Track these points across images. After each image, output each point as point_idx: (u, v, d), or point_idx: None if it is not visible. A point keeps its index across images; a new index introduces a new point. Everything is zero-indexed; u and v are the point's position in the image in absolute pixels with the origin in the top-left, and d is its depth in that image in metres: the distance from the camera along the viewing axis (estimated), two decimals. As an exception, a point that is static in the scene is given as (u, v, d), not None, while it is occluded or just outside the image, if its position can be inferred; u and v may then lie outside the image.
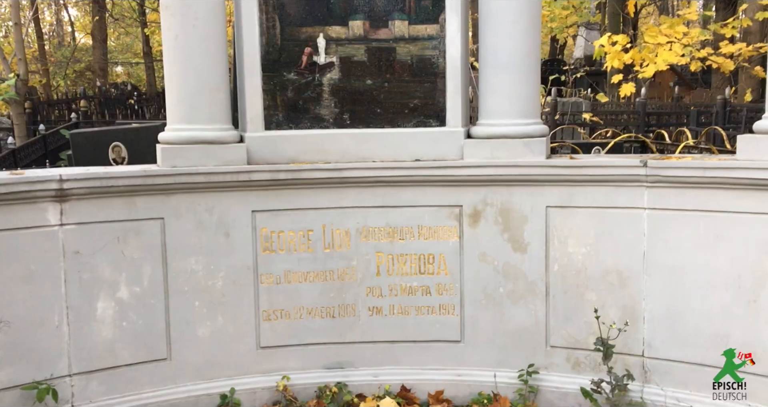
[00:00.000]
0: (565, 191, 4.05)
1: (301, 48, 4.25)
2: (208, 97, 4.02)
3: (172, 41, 3.99)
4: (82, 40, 29.48)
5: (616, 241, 3.99)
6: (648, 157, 4.14)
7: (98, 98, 16.69)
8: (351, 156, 4.23)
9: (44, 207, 3.70)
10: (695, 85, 18.43)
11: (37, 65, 20.26)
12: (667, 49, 8.77)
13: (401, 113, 4.30)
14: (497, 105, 4.19)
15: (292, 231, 4.19)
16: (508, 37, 4.09)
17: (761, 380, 3.67)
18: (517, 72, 4.12)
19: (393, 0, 4.23)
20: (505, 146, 4.13)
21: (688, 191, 3.76)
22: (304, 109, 4.28)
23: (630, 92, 9.54)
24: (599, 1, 19.83)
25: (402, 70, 4.29)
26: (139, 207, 3.92)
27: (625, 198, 3.93)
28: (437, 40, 4.25)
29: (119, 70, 31.29)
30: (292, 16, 4.22)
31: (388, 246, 4.25)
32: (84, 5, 27.93)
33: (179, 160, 3.99)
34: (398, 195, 4.21)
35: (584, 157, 4.70)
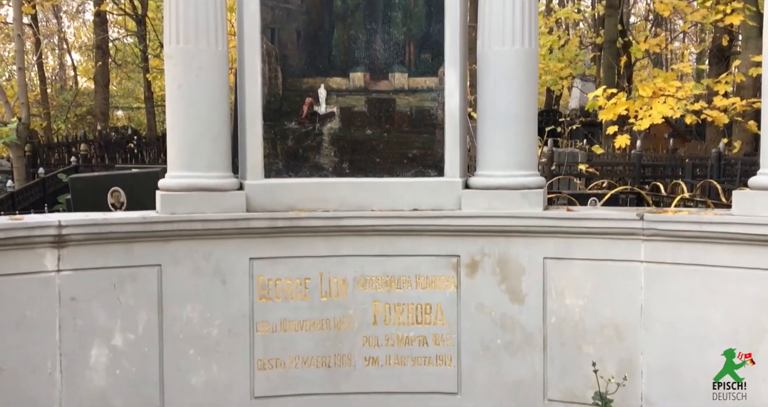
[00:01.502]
0: (562, 243, 4.07)
1: (302, 98, 4.31)
2: (209, 144, 4.07)
3: (175, 90, 4.04)
4: (85, 84, 29.82)
5: (613, 294, 3.99)
6: (644, 210, 4.18)
7: (98, 142, 16.80)
8: (350, 204, 4.25)
9: (42, 252, 3.70)
10: (690, 136, 18.64)
11: (39, 109, 20.45)
12: (662, 102, 8.90)
13: (400, 163, 4.34)
14: (495, 156, 4.24)
15: (289, 279, 4.18)
16: (505, 91, 4.16)
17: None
18: (514, 125, 4.18)
19: (393, 53, 4.31)
20: (502, 197, 4.16)
21: (684, 245, 3.78)
22: (304, 158, 4.32)
23: (625, 143, 9.64)
24: (594, 54, 20.19)
25: (401, 120, 4.35)
26: (136, 254, 3.92)
27: (622, 250, 3.94)
28: (436, 92, 4.32)
29: (120, 114, 31.57)
30: (294, 67, 4.29)
31: (386, 295, 4.24)
32: (87, 50, 28.36)
33: (178, 207, 4.00)
34: (396, 244, 4.22)
35: (581, 208, 4.73)
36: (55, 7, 24.94)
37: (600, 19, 20.05)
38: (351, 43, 4.30)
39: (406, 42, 4.31)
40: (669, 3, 11.74)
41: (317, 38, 4.29)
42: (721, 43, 13.30)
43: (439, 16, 4.26)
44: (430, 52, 4.30)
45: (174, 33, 3.99)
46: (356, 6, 4.29)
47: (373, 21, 4.29)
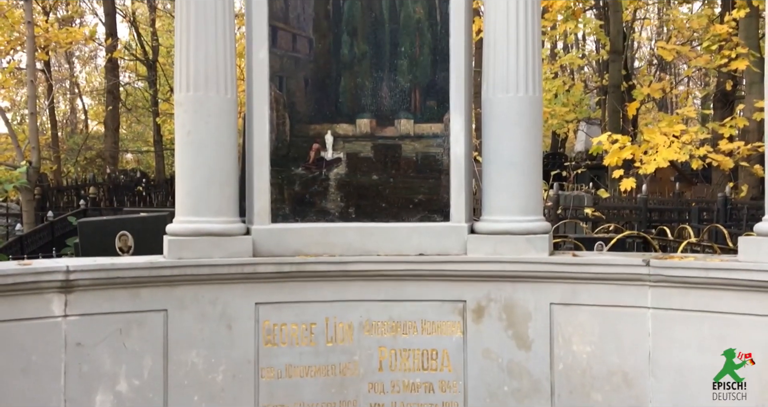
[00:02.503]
0: (568, 288, 4.06)
1: (309, 144, 4.37)
2: (217, 190, 4.11)
3: (184, 136, 4.11)
4: (95, 127, 30.19)
5: (620, 340, 3.96)
6: (651, 255, 4.17)
7: (107, 185, 16.92)
8: (356, 249, 4.26)
9: (49, 298, 3.72)
10: (696, 180, 18.66)
11: (50, 152, 20.69)
12: (667, 146, 8.95)
13: (406, 208, 4.37)
14: (500, 201, 4.27)
15: (294, 324, 4.18)
16: (510, 138, 4.21)
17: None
18: (519, 170, 4.22)
19: (399, 100, 4.38)
20: (508, 242, 4.17)
21: (691, 291, 3.77)
22: (311, 203, 4.35)
23: (631, 187, 9.67)
24: (599, 98, 20.37)
25: (407, 166, 4.39)
26: (143, 299, 3.93)
27: (628, 297, 3.93)
28: (442, 138, 4.37)
29: (129, 157, 31.87)
30: (301, 113, 4.36)
31: (391, 340, 4.22)
32: (99, 95, 28.78)
33: (185, 252, 4.03)
34: (402, 289, 4.22)
35: (587, 254, 4.73)
36: (67, 52, 25.41)
37: (604, 63, 20.29)
38: (358, 91, 4.38)
39: (411, 89, 4.38)
40: (672, 48, 11.88)
41: (325, 85, 4.37)
42: (725, 87, 13.41)
43: (444, 64, 4.34)
44: (435, 99, 4.37)
45: (184, 81, 4.07)
46: (363, 54, 4.37)
47: (379, 69, 4.37)
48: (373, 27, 4.37)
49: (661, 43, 15.16)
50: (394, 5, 4.37)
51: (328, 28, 4.37)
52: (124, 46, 24.04)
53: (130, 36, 25.98)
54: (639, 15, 22.14)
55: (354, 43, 4.37)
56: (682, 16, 18.65)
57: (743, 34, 11.64)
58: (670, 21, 18.86)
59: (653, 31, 28.69)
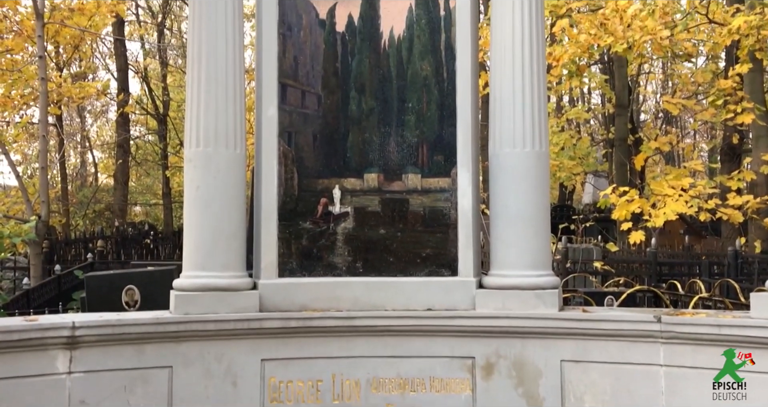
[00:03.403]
0: (579, 345, 4.00)
1: (317, 198, 4.38)
2: (224, 244, 4.11)
3: (193, 191, 4.13)
4: (104, 180, 30.45)
5: (633, 398, 3.88)
6: (662, 311, 4.12)
7: (115, 238, 16.95)
8: (363, 304, 4.23)
9: (54, 354, 3.68)
10: (705, 232, 18.55)
11: (59, 205, 20.81)
12: (675, 199, 8.94)
13: (413, 262, 4.35)
14: (509, 256, 4.24)
15: (300, 381, 4.11)
16: (517, 192, 4.21)
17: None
18: (527, 224, 4.21)
19: (407, 155, 4.40)
20: (517, 297, 4.13)
21: (704, 348, 3.71)
22: (318, 257, 4.34)
23: (640, 240, 9.61)
24: (606, 151, 20.45)
25: (415, 220, 4.39)
26: (148, 355, 3.89)
27: (640, 354, 3.87)
28: (449, 192, 4.37)
29: (138, 210, 32.03)
30: (309, 168, 4.39)
31: (399, 398, 4.15)
32: (109, 149, 29.09)
33: (192, 307, 4.00)
34: (409, 345, 4.16)
35: (597, 309, 4.67)
36: (79, 107, 25.82)
37: (610, 117, 20.44)
38: (365, 145, 4.41)
39: (419, 144, 4.41)
40: (678, 102, 11.98)
41: (333, 141, 4.41)
42: (731, 141, 13.47)
43: (452, 119, 4.37)
44: (442, 154, 4.39)
45: (194, 137, 4.11)
46: (371, 110, 4.42)
47: (387, 124, 4.42)
48: (381, 83, 4.43)
49: (666, 97, 15.31)
50: (402, 62, 4.43)
51: (336, 84, 4.43)
52: (135, 101, 24.43)
53: (142, 91, 26.44)
54: (644, 69, 22.41)
55: (362, 99, 4.43)
56: (686, 70, 18.88)
57: (748, 88, 11.74)
58: (674, 75, 19.09)
59: (658, 85, 28.98)
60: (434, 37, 4.43)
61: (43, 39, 10.17)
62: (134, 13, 23.67)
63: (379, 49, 4.44)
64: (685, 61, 18.02)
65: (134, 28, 24.17)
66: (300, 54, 4.43)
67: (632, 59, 10.49)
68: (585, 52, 9.97)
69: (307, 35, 4.44)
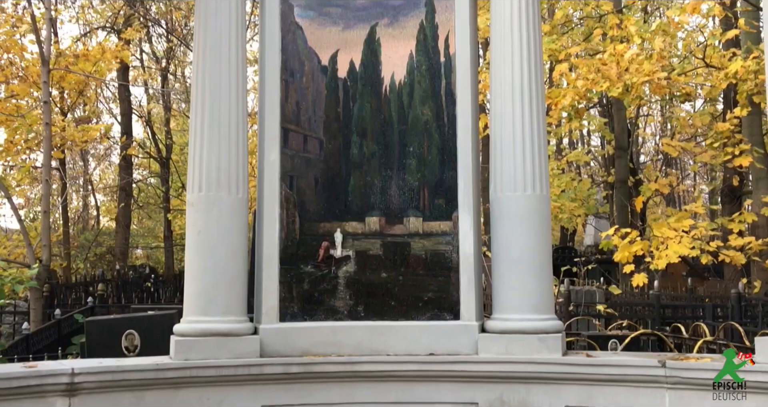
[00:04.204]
0: (584, 390, 3.95)
1: (318, 242, 4.38)
2: (226, 289, 4.09)
3: (195, 236, 4.13)
4: (106, 223, 30.46)
5: (640, 445, 3.82)
6: (666, 356, 4.08)
7: (116, 281, 16.88)
8: (365, 348, 4.19)
9: (52, 401, 3.64)
10: (707, 274, 18.46)
11: (60, 248, 20.78)
12: (677, 241, 8.92)
13: (415, 306, 4.33)
14: (511, 300, 4.22)
15: (302, 429, 4.05)
16: (519, 235, 4.21)
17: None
18: (529, 268, 4.19)
19: (408, 198, 4.42)
20: (520, 342, 4.10)
21: (710, 393, 3.66)
22: (319, 301, 4.32)
23: (642, 282, 9.56)
24: (606, 193, 20.50)
25: (416, 263, 4.38)
26: (147, 402, 3.84)
27: (645, 399, 3.82)
28: (450, 236, 4.38)
29: (139, 253, 31.96)
30: (311, 212, 4.40)
31: (402, 446, 4.08)
32: (111, 192, 29.20)
33: (192, 353, 3.97)
34: (412, 390, 4.11)
35: (601, 354, 4.63)
36: (82, 150, 26.00)
37: (610, 158, 20.54)
38: (367, 189, 4.43)
39: (420, 188, 4.43)
40: (677, 145, 12.04)
41: (334, 184, 4.43)
42: (731, 182, 13.51)
43: (452, 163, 4.40)
44: (444, 198, 4.41)
45: (197, 182, 4.14)
46: (372, 154, 4.46)
47: (388, 168, 4.44)
48: (382, 128, 4.48)
49: (665, 139, 15.41)
50: (403, 107, 4.49)
51: (338, 129, 4.48)
52: (138, 144, 24.60)
53: (145, 134, 26.64)
54: (642, 112, 22.61)
55: (363, 143, 4.46)
56: (684, 113, 19.03)
57: (747, 130, 11.82)
58: (673, 118, 19.24)
59: (657, 127, 29.20)
60: (435, 83, 4.49)
61: (48, 84, 10.30)
62: (138, 59, 24.01)
63: (380, 95, 4.50)
64: (683, 102, 18.20)
65: (138, 72, 24.48)
66: (302, 99, 4.48)
67: (629, 101, 10.57)
68: (583, 97, 10.07)
69: (309, 81, 4.50)
